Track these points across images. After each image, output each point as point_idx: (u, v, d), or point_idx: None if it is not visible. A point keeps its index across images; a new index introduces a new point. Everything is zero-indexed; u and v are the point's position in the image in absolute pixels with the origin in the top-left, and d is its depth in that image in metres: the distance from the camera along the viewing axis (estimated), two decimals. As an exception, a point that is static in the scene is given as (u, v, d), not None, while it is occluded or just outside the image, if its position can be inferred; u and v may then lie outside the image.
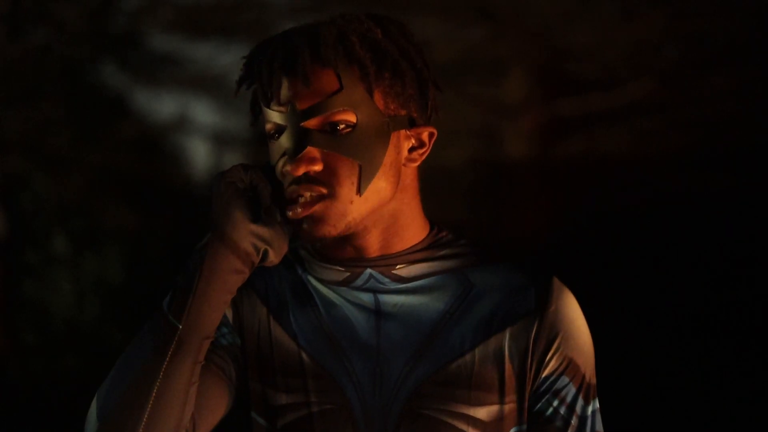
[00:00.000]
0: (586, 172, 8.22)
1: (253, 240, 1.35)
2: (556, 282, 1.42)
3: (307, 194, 1.35)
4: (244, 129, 9.99)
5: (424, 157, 1.42)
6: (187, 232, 9.00)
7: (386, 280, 1.41)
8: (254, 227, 1.35)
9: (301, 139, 1.34)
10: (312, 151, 1.35)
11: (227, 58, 8.74)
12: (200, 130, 9.75)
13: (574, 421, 1.39)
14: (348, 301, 1.42)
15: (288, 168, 1.34)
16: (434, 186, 7.83)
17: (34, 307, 8.73)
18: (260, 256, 1.36)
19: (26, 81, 8.05)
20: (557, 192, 8.24)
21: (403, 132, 1.40)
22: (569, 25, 7.73)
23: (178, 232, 9.24)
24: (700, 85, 7.77)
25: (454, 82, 7.87)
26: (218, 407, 1.40)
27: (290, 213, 1.36)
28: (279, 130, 1.38)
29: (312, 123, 1.35)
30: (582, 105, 8.09)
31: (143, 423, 1.31)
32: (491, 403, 1.38)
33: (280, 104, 1.36)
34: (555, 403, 1.39)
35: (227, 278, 1.34)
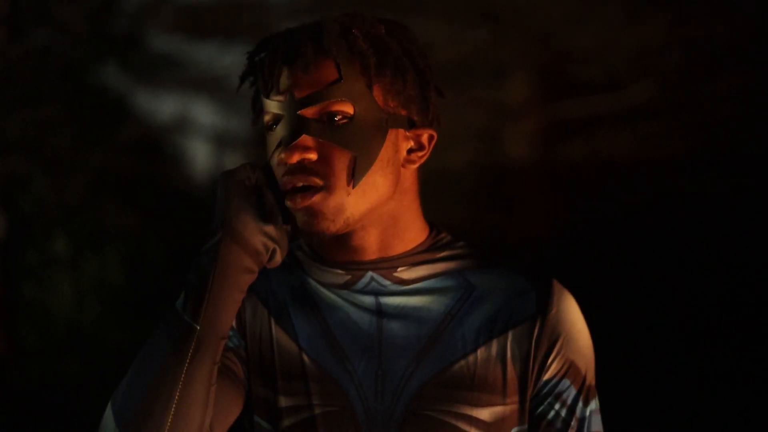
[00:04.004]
0: (589, 174, 8.22)
1: (263, 239, 1.34)
2: (557, 285, 1.42)
3: (300, 184, 1.34)
4: (245, 130, 10.00)
5: (423, 160, 1.41)
6: (188, 233, 8.99)
7: (387, 282, 1.40)
8: (264, 226, 1.34)
9: (298, 127, 1.33)
10: (307, 139, 1.33)
11: (228, 60, 8.76)
12: (201, 131, 9.77)
13: (573, 423, 1.40)
14: (349, 303, 1.41)
15: (283, 156, 1.33)
16: (436, 188, 7.82)
17: (34, 309, 8.72)
18: (269, 255, 1.35)
19: (27, 82, 8.05)
20: (559, 195, 8.23)
21: (402, 132, 1.38)
22: (572, 28, 7.74)
23: (179, 234, 9.23)
24: (702, 89, 7.77)
25: (457, 84, 7.87)
26: (232, 409, 1.39)
27: (289, 202, 1.34)
28: (276, 120, 1.37)
29: (309, 112, 1.34)
30: (584, 108, 8.08)
31: (167, 427, 1.28)
32: (494, 404, 1.38)
33: (279, 93, 1.35)
34: (556, 406, 1.40)
35: (239, 277, 1.33)
